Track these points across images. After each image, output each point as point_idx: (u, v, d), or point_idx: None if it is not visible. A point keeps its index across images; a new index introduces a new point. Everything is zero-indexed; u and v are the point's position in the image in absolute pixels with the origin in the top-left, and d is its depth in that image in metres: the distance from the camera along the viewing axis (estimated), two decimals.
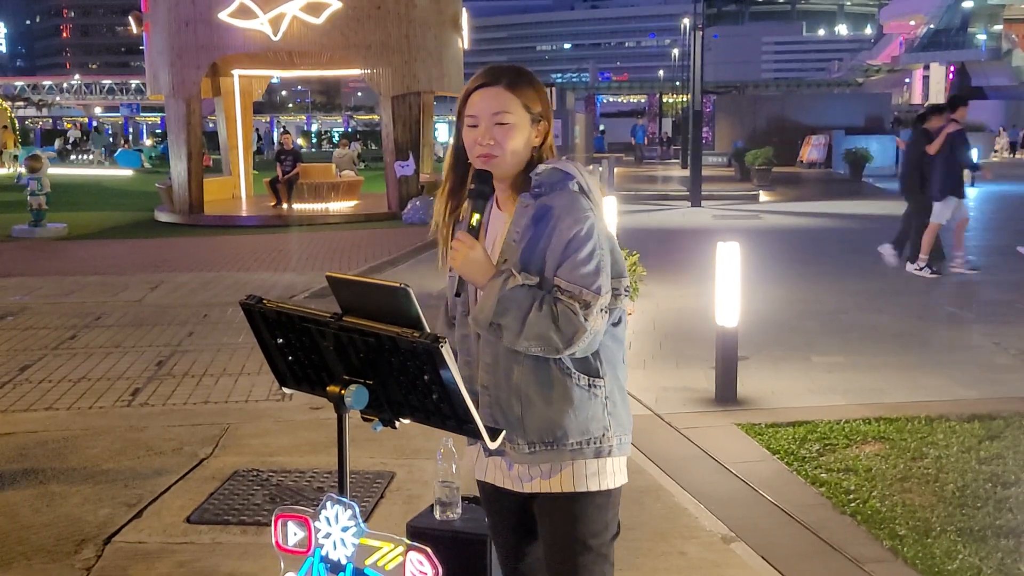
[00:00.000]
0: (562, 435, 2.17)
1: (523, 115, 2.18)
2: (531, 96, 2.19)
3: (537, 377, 2.15)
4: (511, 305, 2.06)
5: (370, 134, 59.31)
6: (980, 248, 12.15)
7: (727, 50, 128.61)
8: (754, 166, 26.00)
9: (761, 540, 3.95)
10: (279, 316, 2.05)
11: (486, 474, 2.33)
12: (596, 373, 2.19)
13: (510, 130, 2.16)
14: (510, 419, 2.17)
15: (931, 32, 65.85)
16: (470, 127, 2.19)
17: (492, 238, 2.24)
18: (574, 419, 2.16)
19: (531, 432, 2.17)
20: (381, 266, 11.80)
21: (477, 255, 2.12)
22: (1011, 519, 4.06)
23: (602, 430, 2.20)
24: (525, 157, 2.20)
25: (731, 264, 5.71)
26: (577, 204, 2.13)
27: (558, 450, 2.17)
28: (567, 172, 2.18)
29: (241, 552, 3.87)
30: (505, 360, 2.16)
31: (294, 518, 2.06)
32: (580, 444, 2.18)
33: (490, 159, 2.16)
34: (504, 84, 2.18)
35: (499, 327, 2.09)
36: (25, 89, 75.77)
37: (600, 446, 2.20)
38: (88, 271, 11.76)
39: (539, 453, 2.18)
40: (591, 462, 2.20)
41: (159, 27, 18.06)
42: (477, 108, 2.17)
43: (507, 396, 2.17)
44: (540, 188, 2.16)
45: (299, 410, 5.79)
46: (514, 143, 2.16)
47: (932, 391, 6.15)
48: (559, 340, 2.07)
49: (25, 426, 5.61)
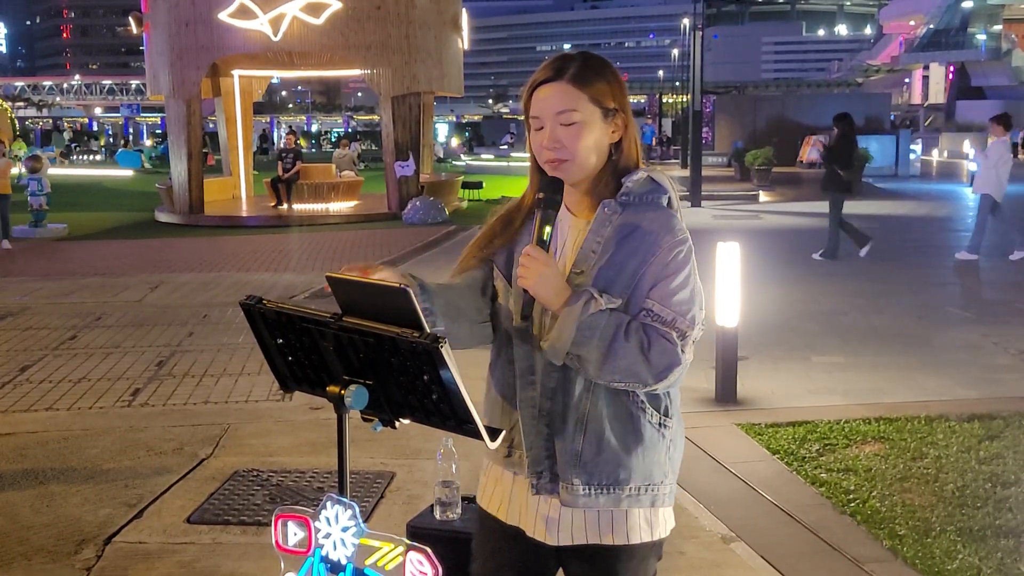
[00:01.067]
0: (625, 478, 1.92)
1: (592, 111, 1.90)
2: (602, 89, 1.91)
3: (609, 410, 1.90)
4: (593, 334, 1.81)
5: (370, 134, 59.32)
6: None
7: (727, 50, 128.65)
8: (754, 166, 26.00)
9: (761, 540, 3.95)
10: (279, 316, 2.06)
11: (520, 518, 2.00)
12: (666, 412, 1.96)
13: (579, 130, 1.89)
14: (567, 454, 1.91)
15: (931, 32, 65.82)
16: (536, 130, 1.93)
17: (559, 243, 1.97)
18: (641, 461, 1.92)
19: (592, 472, 1.91)
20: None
21: (552, 272, 1.85)
22: (1011, 519, 4.06)
23: (662, 476, 1.96)
24: (602, 158, 1.93)
25: (731, 264, 5.71)
26: (674, 224, 1.91)
27: (615, 494, 1.92)
28: (661, 185, 1.95)
29: (241, 552, 3.87)
30: (571, 386, 1.91)
31: (294, 518, 2.07)
32: (639, 490, 1.94)
33: (560, 165, 1.90)
34: (568, 78, 1.89)
35: (578, 358, 1.83)
36: (25, 90, 75.79)
37: (657, 493, 1.96)
38: (88, 271, 11.76)
39: (594, 497, 1.91)
40: (646, 511, 1.96)
41: (159, 27, 18.07)
42: (540, 108, 1.91)
43: (569, 428, 1.92)
44: (628, 197, 1.92)
45: (299, 410, 5.80)
46: (584, 145, 1.89)
47: (932, 391, 6.15)
48: (648, 374, 1.82)
49: (25, 426, 5.61)
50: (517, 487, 2.01)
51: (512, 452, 1.99)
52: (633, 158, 1.97)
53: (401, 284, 1.84)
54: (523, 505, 2.00)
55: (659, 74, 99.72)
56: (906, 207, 19.52)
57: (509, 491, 2.03)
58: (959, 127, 46.87)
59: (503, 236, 2.03)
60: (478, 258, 2.04)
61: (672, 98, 54.11)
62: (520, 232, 2.01)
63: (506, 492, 2.04)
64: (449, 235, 15.19)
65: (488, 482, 2.09)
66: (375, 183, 23.04)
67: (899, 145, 29.60)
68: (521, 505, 2.01)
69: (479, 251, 2.05)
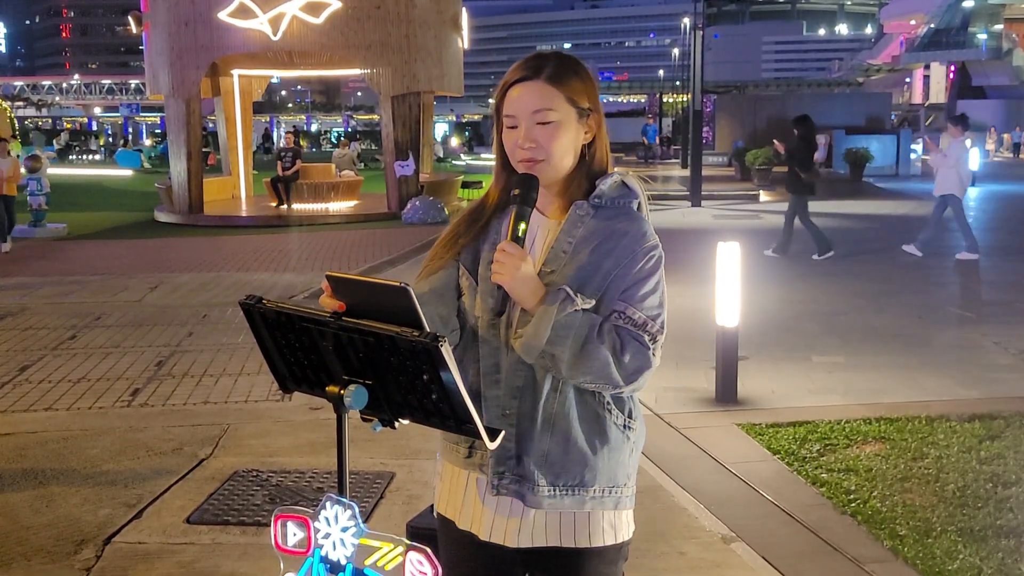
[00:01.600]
0: (590, 479, 1.92)
1: (568, 111, 1.90)
2: (577, 88, 1.91)
3: (576, 410, 1.91)
4: (568, 333, 1.81)
5: (370, 134, 59.32)
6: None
7: (727, 50, 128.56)
8: (754, 166, 25.99)
9: (761, 540, 3.94)
10: (278, 316, 2.05)
11: (471, 522, 1.98)
12: (630, 414, 1.97)
13: (554, 130, 1.89)
14: (533, 455, 1.91)
15: (931, 32, 65.82)
16: (509, 128, 1.92)
17: (533, 241, 1.97)
18: (606, 463, 1.93)
19: (559, 472, 1.91)
20: (381, 266, 11.81)
21: (528, 269, 1.84)
22: (1011, 519, 4.06)
23: (625, 478, 1.97)
24: (574, 158, 1.94)
25: (731, 264, 5.70)
26: (647, 229, 1.93)
27: (580, 496, 1.92)
28: (633, 190, 1.97)
29: (241, 552, 3.87)
30: (539, 385, 1.90)
31: (294, 518, 2.06)
32: (603, 492, 1.94)
33: (535, 164, 1.90)
34: (545, 77, 1.89)
35: (551, 356, 1.83)
36: (25, 89, 75.76)
37: (620, 496, 1.97)
38: (88, 271, 11.76)
39: (559, 498, 1.91)
40: (608, 513, 1.96)
41: (159, 27, 18.06)
42: (515, 107, 1.90)
43: (536, 428, 1.91)
44: (600, 200, 1.94)
45: (299, 410, 5.79)
46: (560, 145, 1.90)
47: (932, 391, 6.15)
48: (620, 375, 1.83)
49: (25, 426, 5.61)
50: (471, 489, 1.98)
51: (473, 453, 1.97)
52: (604, 160, 1.99)
53: (400, 283, 1.84)
54: (477, 508, 1.97)
55: (659, 74, 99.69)
56: (907, 207, 19.52)
57: (462, 494, 2.00)
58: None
59: (467, 234, 2.01)
60: (444, 258, 2.02)
61: (672, 98, 54.13)
62: (486, 230, 2.00)
63: (458, 495, 2.01)
64: None
65: (443, 485, 2.06)
66: (375, 183, 23.04)
67: (900, 145, 29.62)
68: (475, 508, 1.98)
69: (445, 251, 2.02)
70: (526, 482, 1.91)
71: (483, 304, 1.95)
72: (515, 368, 1.91)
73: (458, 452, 1.99)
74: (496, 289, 1.90)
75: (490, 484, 1.93)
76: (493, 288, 1.91)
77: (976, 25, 63.73)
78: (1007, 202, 20.92)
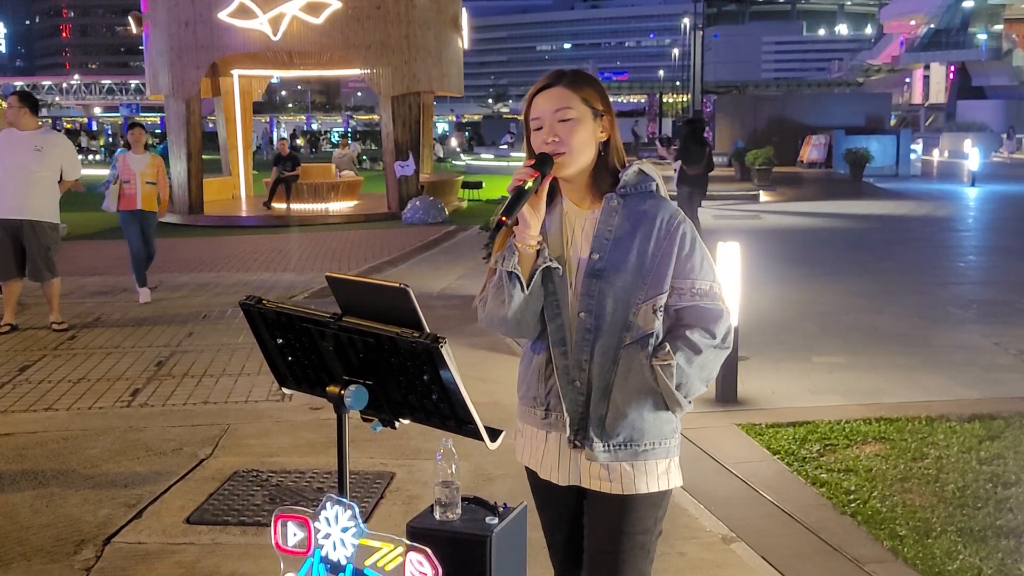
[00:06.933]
0: (639, 436, 2.23)
1: (585, 110, 2.21)
2: (591, 93, 2.23)
3: (629, 379, 2.21)
4: (689, 381, 2.22)
5: (370, 134, 59.30)
6: (981, 248, 12.15)
7: (727, 50, 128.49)
8: (754, 166, 26.00)
9: (761, 540, 3.94)
10: (279, 316, 2.05)
11: (550, 472, 2.32)
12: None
13: (574, 125, 2.19)
14: (594, 418, 2.22)
15: (931, 32, 65.83)
16: (536, 130, 2.22)
17: (569, 233, 2.25)
18: (654, 420, 2.24)
19: (612, 434, 2.22)
20: (381, 266, 11.80)
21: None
22: (1011, 519, 4.06)
23: (671, 432, 2.29)
24: (593, 153, 2.23)
25: (731, 264, 5.70)
26: (671, 207, 2.24)
27: (633, 450, 2.23)
28: (650, 175, 2.27)
29: (241, 552, 3.86)
30: (602, 358, 2.20)
31: (294, 518, 2.06)
32: (654, 444, 2.25)
33: (557, 157, 2.18)
34: (564, 83, 2.22)
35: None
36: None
37: (668, 447, 2.28)
38: (88, 271, 11.76)
39: (614, 452, 2.23)
40: (661, 462, 2.27)
41: (159, 27, 18.07)
42: (539, 109, 2.22)
43: (597, 395, 2.22)
44: (626, 188, 2.23)
45: (299, 410, 5.79)
46: (578, 138, 2.19)
47: (932, 391, 6.15)
48: (724, 350, 2.26)
49: (25, 426, 5.60)
50: (550, 444, 2.30)
51: (549, 414, 2.28)
52: (621, 156, 2.30)
53: (400, 284, 1.84)
54: (555, 460, 2.30)
55: (659, 74, 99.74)
56: (907, 207, 19.52)
57: (543, 449, 2.32)
58: (960, 127, 46.90)
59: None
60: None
61: (672, 98, 54.14)
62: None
63: (539, 449, 2.33)
64: (449, 235, 15.18)
65: (524, 441, 2.38)
66: (375, 183, 23.03)
67: (900, 145, 29.62)
68: (553, 461, 2.30)
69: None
70: (590, 439, 2.23)
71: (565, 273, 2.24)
72: (581, 343, 2.21)
73: (536, 415, 2.32)
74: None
75: (565, 440, 2.26)
76: (570, 255, 2.24)
77: (976, 25, 63.74)
78: (1007, 201, 20.91)
